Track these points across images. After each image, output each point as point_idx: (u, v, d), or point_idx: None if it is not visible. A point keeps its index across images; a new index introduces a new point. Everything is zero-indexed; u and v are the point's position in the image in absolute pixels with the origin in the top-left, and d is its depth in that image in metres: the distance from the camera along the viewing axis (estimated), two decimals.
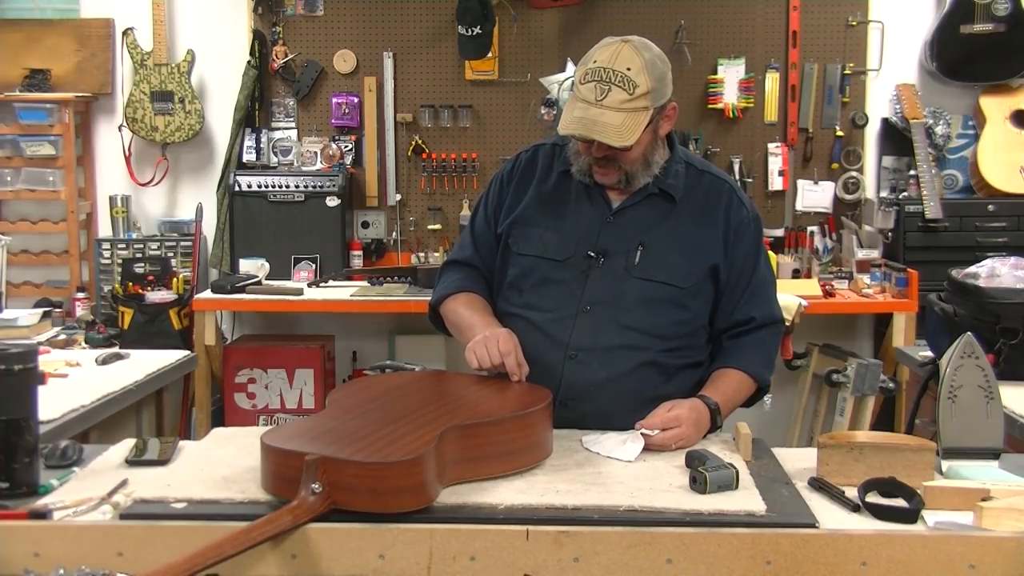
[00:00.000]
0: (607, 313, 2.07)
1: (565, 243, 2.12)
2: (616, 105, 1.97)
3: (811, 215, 4.66)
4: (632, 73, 1.97)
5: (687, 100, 4.60)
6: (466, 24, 4.36)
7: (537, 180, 2.20)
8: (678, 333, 2.10)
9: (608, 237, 2.11)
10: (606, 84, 1.97)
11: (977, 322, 2.59)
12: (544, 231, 2.14)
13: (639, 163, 2.08)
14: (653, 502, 1.58)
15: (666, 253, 2.10)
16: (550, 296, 2.11)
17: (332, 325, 4.66)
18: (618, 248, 2.10)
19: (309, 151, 4.69)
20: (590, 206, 2.15)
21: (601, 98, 1.97)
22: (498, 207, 2.23)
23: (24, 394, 1.67)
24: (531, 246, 2.15)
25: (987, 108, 4.52)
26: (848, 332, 4.61)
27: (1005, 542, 1.46)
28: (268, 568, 1.49)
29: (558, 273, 2.11)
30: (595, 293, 2.08)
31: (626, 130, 1.97)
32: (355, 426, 1.67)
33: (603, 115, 1.97)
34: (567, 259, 2.11)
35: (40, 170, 4.56)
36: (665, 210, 2.13)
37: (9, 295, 4.01)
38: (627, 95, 1.97)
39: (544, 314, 2.09)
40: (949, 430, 1.85)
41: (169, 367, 2.99)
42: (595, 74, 1.99)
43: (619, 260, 2.09)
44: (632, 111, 1.98)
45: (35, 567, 1.46)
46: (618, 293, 2.08)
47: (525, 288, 2.14)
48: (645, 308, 2.08)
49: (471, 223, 2.31)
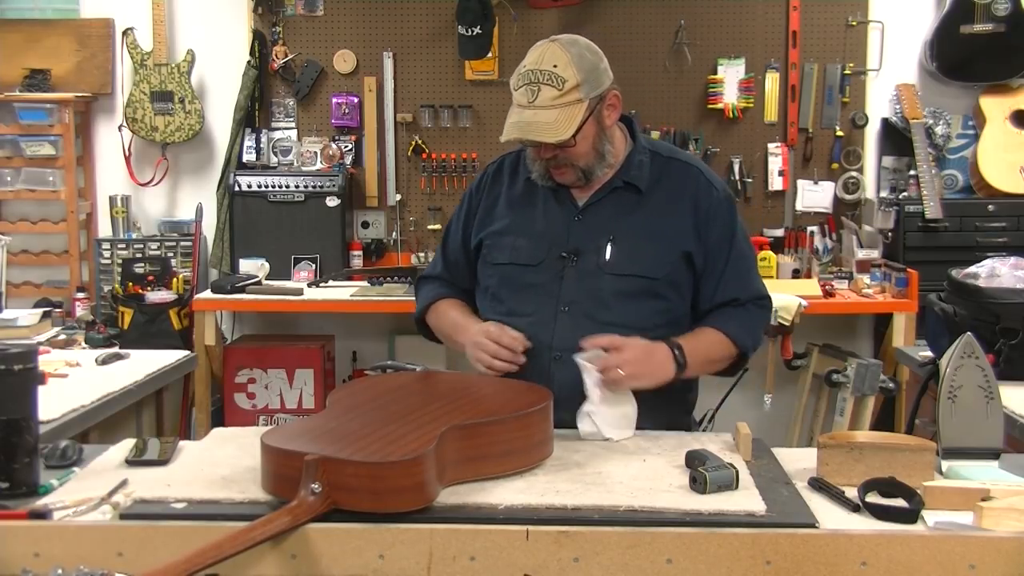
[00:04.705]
0: (585, 311, 2.09)
1: (537, 247, 2.14)
2: (548, 103, 1.99)
3: (811, 215, 4.66)
4: (559, 69, 2.00)
5: (687, 100, 4.60)
6: (466, 24, 4.36)
7: (505, 189, 2.24)
8: (659, 323, 2.10)
9: (578, 236, 2.13)
10: (535, 85, 2.00)
11: (977, 322, 2.58)
12: (516, 238, 2.17)
13: (591, 157, 2.09)
14: (653, 502, 1.58)
15: (637, 245, 2.11)
16: (529, 301, 2.13)
17: (332, 325, 4.66)
18: (589, 246, 2.12)
19: (309, 151, 4.69)
20: (558, 207, 2.16)
21: (533, 99, 2.00)
22: (469, 221, 2.26)
23: (24, 394, 1.67)
24: (504, 254, 2.17)
25: (987, 108, 4.52)
26: (848, 332, 4.60)
27: (1005, 542, 1.46)
28: (268, 568, 1.49)
29: (534, 277, 2.13)
30: (571, 293, 2.10)
31: (560, 125, 1.99)
32: (355, 426, 1.67)
33: (536, 115, 2.00)
34: (541, 262, 2.13)
35: (40, 170, 4.56)
36: (632, 202, 2.14)
37: (9, 295, 4.01)
38: (557, 91, 1.99)
39: (525, 319, 2.11)
40: (949, 430, 1.85)
41: (169, 367, 2.99)
42: (525, 77, 2.02)
43: (591, 257, 2.11)
44: (564, 106, 2.00)
45: (35, 567, 1.46)
46: (593, 290, 2.10)
47: (505, 296, 2.16)
48: (622, 302, 2.09)
49: (443, 241, 2.35)
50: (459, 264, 2.29)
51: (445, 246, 2.33)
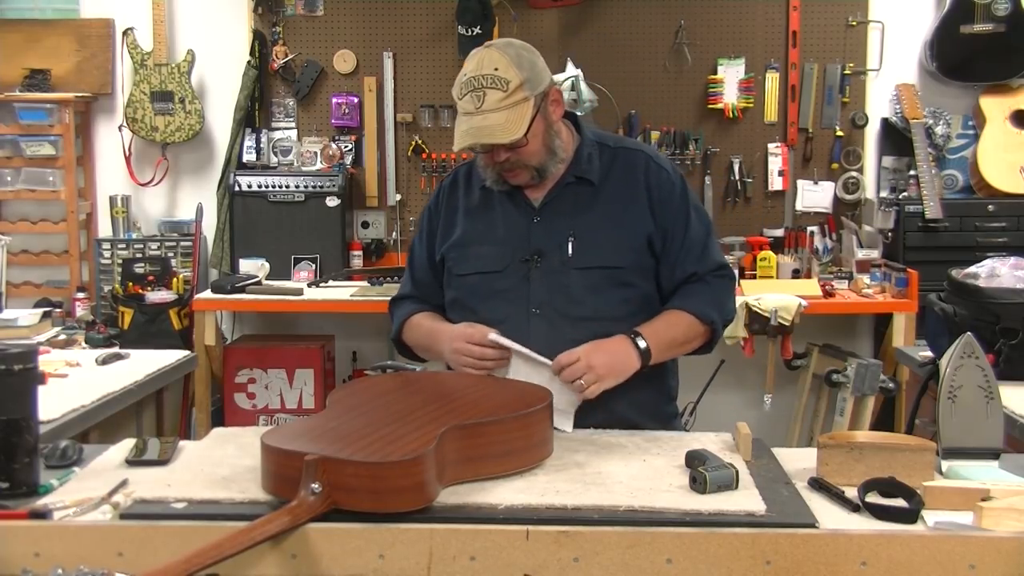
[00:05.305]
0: (556, 310, 2.11)
1: (500, 253, 2.16)
2: (495, 106, 2.01)
3: (811, 215, 4.66)
4: (500, 71, 2.02)
5: (687, 100, 4.61)
6: (466, 24, 4.36)
7: (462, 201, 2.25)
8: (631, 311, 2.12)
9: (539, 237, 2.14)
10: (480, 90, 2.02)
11: (977, 322, 2.58)
12: (479, 247, 2.18)
13: (542, 154, 2.11)
14: (653, 502, 1.58)
15: (597, 237, 2.13)
16: (499, 307, 2.14)
17: (332, 325, 4.66)
18: (550, 245, 2.13)
19: (309, 151, 4.69)
20: (515, 211, 2.18)
21: (480, 105, 2.02)
22: (432, 238, 2.28)
23: (24, 394, 1.67)
24: (469, 264, 2.19)
25: (987, 108, 4.52)
26: (848, 332, 4.61)
27: (1005, 542, 1.46)
28: (268, 568, 1.49)
29: (501, 283, 2.15)
30: (540, 294, 2.12)
31: (512, 125, 2.01)
32: (355, 426, 1.67)
33: (486, 119, 2.01)
34: (506, 267, 2.15)
35: (40, 170, 4.56)
36: (588, 196, 2.16)
37: (9, 295, 4.01)
38: (502, 93, 2.01)
39: (498, 326, 2.11)
40: (949, 430, 1.85)
41: (169, 367, 2.99)
42: (468, 85, 2.04)
43: (554, 256, 2.13)
44: (512, 106, 2.02)
45: (35, 567, 1.46)
46: (561, 288, 2.11)
47: (475, 306, 2.17)
48: (591, 296, 2.11)
49: (409, 262, 2.36)
50: (428, 282, 2.30)
51: (412, 266, 2.34)
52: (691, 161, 4.61)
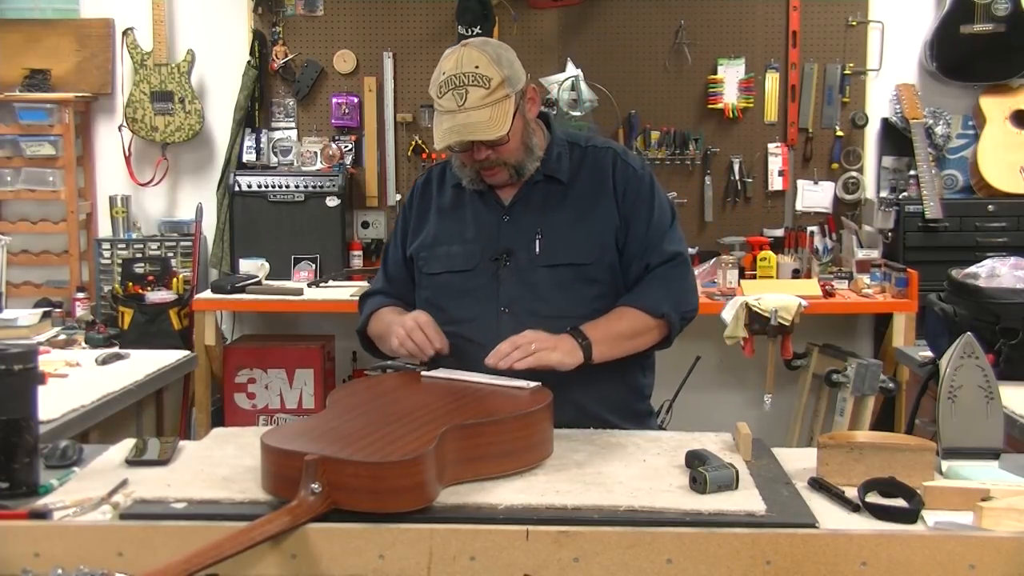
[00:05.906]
0: (525, 308, 2.11)
1: (470, 252, 2.16)
2: (478, 103, 2.01)
3: (811, 215, 4.66)
4: (481, 69, 2.01)
5: (687, 100, 4.61)
6: (466, 24, 4.36)
7: (435, 200, 2.26)
8: (598, 308, 2.11)
9: (508, 235, 2.15)
10: (462, 88, 2.01)
11: (977, 322, 2.58)
12: (449, 246, 2.19)
13: (521, 152, 2.11)
14: (653, 502, 1.58)
15: (565, 235, 2.13)
16: (470, 306, 2.14)
17: (332, 325, 4.66)
18: (519, 243, 2.14)
19: (309, 151, 4.69)
20: (485, 210, 2.19)
21: (462, 103, 2.01)
22: (405, 235, 2.29)
23: (24, 394, 1.67)
24: (439, 263, 2.19)
25: (987, 108, 4.52)
26: (848, 332, 4.61)
27: (1005, 542, 1.46)
28: (268, 568, 1.49)
29: (471, 282, 2.15)
30: (509, 293, 2.12)
31: (496, 122, 2.01)
32: (355, 426, 1.67)
33: (470, 117, 2.01)
34: (476, 266, 2.15)
35: (40, 170, 4.56)
36: (557, 194, 2.17)
37: (9, 295, 4.01)
38: (485, 90, 2.01)
39: (468, 324, 2.12)
40: (949, 430, 1.85)
41: (169, 367, 2.99)
42: (449, 83, 2.03)
43: (523, 254, 2.13)
44: (495, 103, 2.02)
45: (35, 567, 1.46)
46: (530, 286, 2.12)
47: (445, 304, 2.17)
48: (559, 293, 2.11)
49: (383, 259, 2.38)
50: (400, 279, 2.31)
51: (386, 262, 2.35)
52: (691, 161, 4.61)
